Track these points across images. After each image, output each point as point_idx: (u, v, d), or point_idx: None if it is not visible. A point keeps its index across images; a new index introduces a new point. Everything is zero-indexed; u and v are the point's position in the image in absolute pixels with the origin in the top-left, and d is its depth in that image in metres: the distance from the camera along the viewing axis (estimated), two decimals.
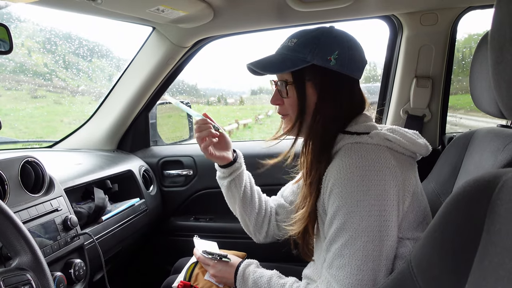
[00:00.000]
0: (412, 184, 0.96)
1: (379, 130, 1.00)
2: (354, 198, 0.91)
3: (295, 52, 1.02)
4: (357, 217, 0.90)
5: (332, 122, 1.03)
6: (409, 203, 0.95)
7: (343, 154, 0.96)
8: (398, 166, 0.95)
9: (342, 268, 0.92)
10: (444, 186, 1.31)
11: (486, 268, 0.51)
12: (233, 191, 1.30)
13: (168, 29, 1.83)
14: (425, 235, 0.68)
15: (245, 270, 1.17)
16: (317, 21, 1.79)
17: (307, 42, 1.02)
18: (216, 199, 2.06)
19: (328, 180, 0.97)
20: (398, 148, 0.98)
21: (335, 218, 0.94)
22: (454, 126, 2.58)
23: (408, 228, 0.96)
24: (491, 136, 1.16)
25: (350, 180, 0.91)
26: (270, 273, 1.13)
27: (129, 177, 1.91)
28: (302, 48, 1.02)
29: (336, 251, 0.93)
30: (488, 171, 0.62)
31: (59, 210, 1.29)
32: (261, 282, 1.11)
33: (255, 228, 1.35)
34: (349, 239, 0.91)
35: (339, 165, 0.94)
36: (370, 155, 0.93)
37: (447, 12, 1.70)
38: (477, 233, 0.56)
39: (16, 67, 4.87)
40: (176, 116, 2.58)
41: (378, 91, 2.03)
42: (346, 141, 0.99)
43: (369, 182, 0.90)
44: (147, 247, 2.19)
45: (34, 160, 1.30)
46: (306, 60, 1.00)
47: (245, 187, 1.31)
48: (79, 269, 1.27)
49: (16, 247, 0.86)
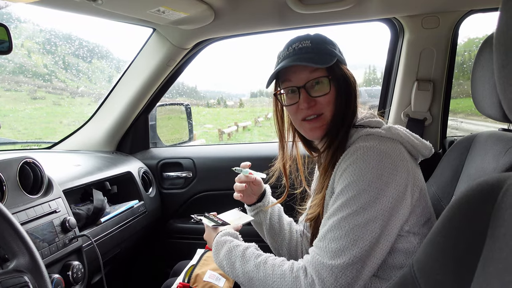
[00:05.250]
0: (420, 181, 0.98)
1: (392, 125, 1.03)
2: (368, 178, 0.90)
3: (324, 47, 1.05)
4: (366, 195, 0.90)
5: (351, 115, 1.06)
6: (417, 197, 0.96)
7: (361, 140, 0.97)
8: (410, 161, 0.97)
9: (336, 240, 0.89)
10: (445, 190, 1.30)
11: (491, 273, 0.51)
12: (259, 223, 1.34)
13: (168, 31, 1.83)
14: (428, 239, 0.68)
15: (221, 237, 1.11)
16: (319, 23, 1.79)
17: (321, 41, 1.06)
18: (215, 201, 2.06)
19: (343, 163, 0.97)
20: (408, 145, 1.00)
21: (342, 193, 0.93)
22: (455, 130, 2.58)
23: (416, 223, 0.96)
24: (492, 140, 1.16)
25: (366, 161, 0.91)
26: (247, 244, 1.07)
27: (128, 179, 1.90)
28: (323, 45, 1.05)
29: (333, 223, 0.91)
30: (491, 175, 0.61)
31: (57, 212, 1.28)
32: (236, 251, 1.03)
33: (289, 255, 1.32)
34: (351, 213, 0.89)
35: (357, 148, 0.95)
36: (386, 145, 0.95)
37: (448, 16, 1.70)
38: (481, 238, 0.55)
39: (15, 68, 4.87)
40: (176, 118, 2.58)
41: (378, 94, 2.02)
42: (360, 133, 1.00)
43: (384, 169, 0.91)
44: (146, 249, 2.18)
45: (32, 161, 1.29)
46: (333, 54, 1.04)
47: (271, 220, 1.32)
48: (77, 271, 1.26)
49: (14, 249, 0.85)
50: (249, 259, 1.00)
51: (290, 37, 1.10)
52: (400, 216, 0.92)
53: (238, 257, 1.02)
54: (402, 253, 0.95)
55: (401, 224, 0.93)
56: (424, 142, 1.05)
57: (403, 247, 0.95)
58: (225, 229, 1.15)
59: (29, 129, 5.57)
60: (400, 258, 0.95)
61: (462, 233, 0.60)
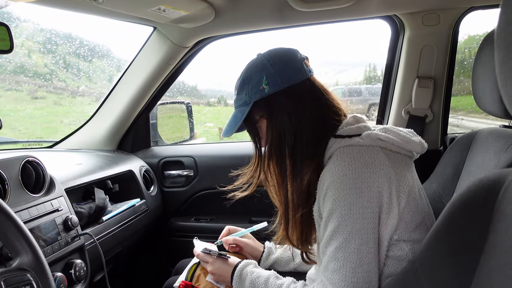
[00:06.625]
0: (407, 184, 0.94)
1: (371, 131, 0.99)
2: (347, 201, 0.90)
3: (238, 102, 1.08)
4: (351, 220, 0.90)
5: (312, 131, 1.01)
6: (405, 204, 0.93)
7: (335, 157, 0.95)
8: (392, 166, 0.94)
9: (336, 271, 0.91)
10: (446, 187, 1.30)
11: (492, 267, 0.51)
12: None
13: (169, 29, 1.83)
14: (430, 236, 0.68)
15: (242, 270, 1.16)
16: (319, 21, 1.79)
17: (240, 88, 1.07)
18: (217, 200, 2.06)
19: (322, 184, 0.96)
20: (392, 147, 0.97)
21: (329, 221, 0.93)
22: (455, 127, 2.58)
23: (405, 229, 0.94)
24: (493, 136, 1.16)
25: (343, 183, 0.91)
26: (268, 273, 1.12)
27: (130, 178, 1.91)
28: (240, 95, 1.07)
29: (330, 254, 0.93)
30: (493, 171, 0.61)
31: (59, 210, 1.28)
32: (258, 282, 1.10)
33: None
34: (343, 242, 0.91)
35: (332, 168, 0.93)
36: (362, 157, 0.93)
37: (449, 12, 1.70)
38: (483, 233, 0.56)
39: (16, 68, 4.86)
40: (177, 117, 2.58)
41: (379, 92, 2.02)
42: (338, 145, 0.97)
43: (362, 184, 0.90)
44: (148, 247, 2.18)
45: (34, 160, 1.30)
46: (247, 103, 1.04)
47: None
48: (80, 269, 1.26)
49: (17, 247, 0.85)
50: None
51: (290, 35, 1.10)
52: (389, 227, 0.92)
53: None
54: (395, 260, 0.95)
55: (390, 235, 0.93)
56: (412, 140, 1.01)
57: (395, 254, 0.95)
58: (239, 260, 1.22)
59: (30, 128, 5.56)
60: (393, 266, 0.95)
61: (464, 228, 0.60)
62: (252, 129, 1.09)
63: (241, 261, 1.20)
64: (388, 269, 0.95)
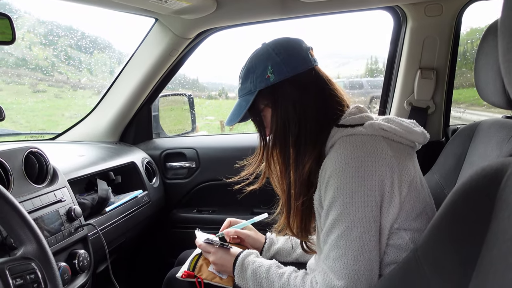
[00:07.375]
0: (409, 174, 0.95)
1: (374, 121, 0.99)
2: (350, 189, 0.90)
3: (242, 91, 1.07)
4: (353, 208, 0.90)
5: (316, 120, 1.02)
6: (406, 193, 0.94)
7: (338, 146, 0.96)
8: (395, 155, 0.94)
9: (338, 259, 0.92)
10: (448, 178, 1.30)
11: (494, 256, 0.51)
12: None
13: (170, 20, 1.82)
14: (432, 224, 0.68)
15: (244, 260, 1.16)
16: (321, 12, 1.78)
17: (245, 77, 1.06)
18: (219, 191, 2.07)
19: (324, 172, 0.96)
20: (395, 137, 0.98)
21: (331, 209, 0.94)
22: (457, 120, 2.57)
23: (406, 218, 0.95)
24: (496, 127, 1.16)
25: (345, 171, 0.91)
26: (269, 263, 1.12)
27: (132, 169, 1.91)
28: (244, 84, 1.06)
29: (332, 242, 0.93)
30: (495, 160, 0.61)
31: (63, 201, 1.29)
32: (260, 271, 1.10)
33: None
34: (345, 230, 0.91)
35: (335, 157, 0.94)
36: (365, 146, 0.93)
37: (452, 3, 1.69)
38: (485, 222, 0.56)
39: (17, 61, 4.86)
40: (179, 109, 2.58)
41: (381, 85, 2.02)
42: (341, 134, 0.98)
43: (365, 173, 0.90)
44: (151, 239, 2.19)
45: (37, 151, 1.30)
46: (252, 91, 1.04)
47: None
48: (83, 259, 1.27)
49: (21, 237, 0.86)
50: (273, 280, 1.06)
51: (292, 27, 1.10)
52: (390, 216, 0.93)
53: (263, 278, 1.09)
54: (395, 249, 0.95)
55: (391, 223, 0.94)
56: (415, 130, 1.01)
57: (395, 243, 0.95)
58: (241, 250, 1.22)
59: (32, 122, 5.57)
60: (393, 255, 0.95)
61: (466, 217, 0.61)
62: (257, 118, 1.09)
63: (243, 251, 1.21)
64: (388, 258, 0.96)
